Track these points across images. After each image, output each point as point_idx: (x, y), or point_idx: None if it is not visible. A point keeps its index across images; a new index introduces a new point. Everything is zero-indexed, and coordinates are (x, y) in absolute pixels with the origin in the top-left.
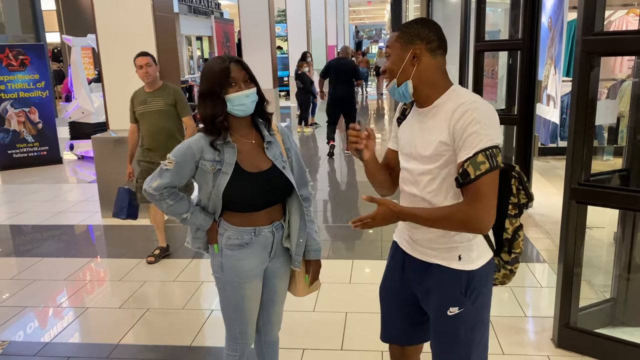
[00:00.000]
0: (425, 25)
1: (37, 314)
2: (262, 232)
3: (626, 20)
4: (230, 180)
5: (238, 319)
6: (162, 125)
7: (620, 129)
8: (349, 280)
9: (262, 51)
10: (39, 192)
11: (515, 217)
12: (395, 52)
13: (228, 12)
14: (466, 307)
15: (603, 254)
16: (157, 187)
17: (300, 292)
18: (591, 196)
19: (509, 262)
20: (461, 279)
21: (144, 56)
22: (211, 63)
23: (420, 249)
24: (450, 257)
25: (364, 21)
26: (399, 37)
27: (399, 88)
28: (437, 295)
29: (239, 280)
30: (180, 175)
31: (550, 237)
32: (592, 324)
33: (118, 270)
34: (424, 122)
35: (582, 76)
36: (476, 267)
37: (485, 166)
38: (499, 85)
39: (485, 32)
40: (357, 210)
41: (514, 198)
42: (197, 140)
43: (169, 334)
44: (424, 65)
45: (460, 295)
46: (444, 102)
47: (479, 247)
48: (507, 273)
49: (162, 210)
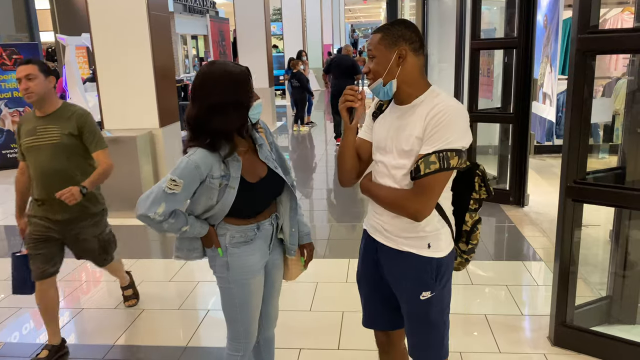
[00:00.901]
0: (407, 27)
1: (33, 315)
2: (263, 226)
3: (621, 18)
4: (237, 193)
5: (243, 317)
6: (55, 167)
7: (615, 127)
8: (346, 279)
9: (257, 50)
10: None
11: (475, 211)
12: (381, 53)
13: (223, 10)
14: (437, 291)
15: (599, 252)
16: (163, 214)
17: (293, 276)
18: (587, 194)
19: (465, 251)
20: (431, 265)
21: (25, 65)
22: (227, 69)
23: (392, 237)
24: (420, 245)
25: (360, 20)
26: (383, 38)
27: (384, 87)
28: (410, 281)
29: (246, 276)
30: (186, 196)
31: (546, 235)
32: (588, 321)
33: None
34: (404, 119)
35: (577, 74)
36: (444, 255)
37: (435, 166)
38: (495, 84)
39: (481, 30)
40: (354, 209)
41: (476, 194)
42: (203, 157)
43: (165, 335)
44: (408, 65)
45: (431, 281)
46: (422, 100)
47: (446, 237)
48: (462, 261)
49: (158, 231)
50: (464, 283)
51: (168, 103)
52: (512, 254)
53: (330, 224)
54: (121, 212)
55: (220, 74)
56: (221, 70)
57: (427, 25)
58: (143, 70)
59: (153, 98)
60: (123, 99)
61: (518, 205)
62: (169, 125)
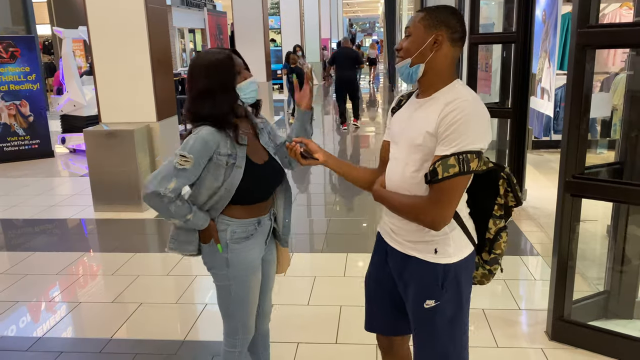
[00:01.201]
0: (453, 14)
1: (29, 308)
2: (264, 221)
3: (619, 13)
4: (244, 173)
5: (241, 313)
6: None
7: (613, 122)
8: (344, 274)
9: (255, 44)
10: (30, 186)
11: (501, 218)
12: (418, 32)
13: (221, 4)
14: (443, 300)
15: (596, 246)
16: (174, 189)
17: (283, 269)
18: (585, 189)
19: (487, 261)
20: (437, 272)
21: None
22: (209, 56)
23: (399, 239)
24: (426, 249)
25: (358, 14)
26: (424, 18)
27: (411, 68)
28: (414, 288)
29: (246, 272)
30: (195, 173)
31: (544, 230)
32: (586, 316)
33: (111, 264)
34: (419, 112)
35: (577, 69)
36: (453, 261)
37: (454, 170)
38: (493, 78)
39: (479, 25)
40: (352, 203)
41: (501, 199)
42: (212, 134)
43: (163, 329)
44: (442, 52)
45: (437, 288)
46: (442, 94)
47: (456, 241)
48: (485, 273)
49: (164, 215)
50: None
51: (165, 96)
52: (509, 249)
53: (328, 218)
54: (118, 206)
55: (203, 61)
56: (204, 57)
57: None
58: (140, 64)
59: (150, 91)
60: (120, 92)
61: None
62: (166, 118)
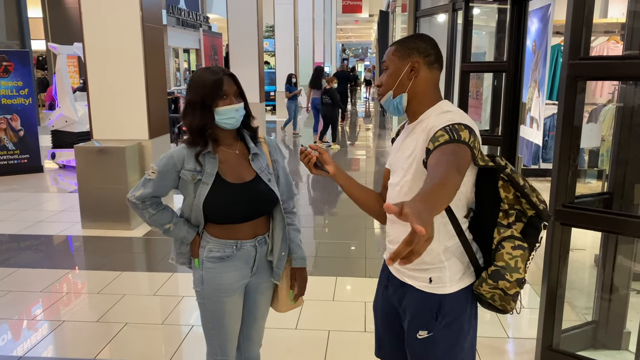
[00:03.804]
0: (422, 39)
1: (11, 326)
2: (244, 246)
3: (607, 47)
4: (210, 190)
5: (218, 334)
6: None
7: (601, 152)
8: (332, 298)
9: (249, 65)
10: (18, 201)
11: (508, 227)
12: (394, 64)
13: (216, 25)
14: (436, 332)
15: (585, 276)
16: (139, 197)
17: (282, 308)
18: (575, 218)
19: (490, 275)
20: (432, 302)
21: None
22: (203, 74)
23: (397, 266)
24: (421, 278)
25: (351, 40)
26: (397, 50)
27: (394, 100)
28: (410, 316)
29: (219, 294)
30: (163, 185)
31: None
32: (575, 346)
33: (96, 282)
34: (410, 137)
35: (568, 99)
36: (450, 292)
37: (444, 138)
38: (484, 106)
39: (472, 53)
40: (342, 226)
41: (504, 204)
42: (179, 150)
43: (148, 350)
44: (421, 78)
45: (431, 320)
46: (428, 115)
47: (452, 270)
48: (499, 294)
49: (144, 221)
50: None
51: (158, 114)
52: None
53: (317, 240)
54: (107, 223)
55: (195, 76)
56: (198, 74)
57: None
58: (135, 81)
59: (144, 109)
60: (113, 110)
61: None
62: (158, 137)
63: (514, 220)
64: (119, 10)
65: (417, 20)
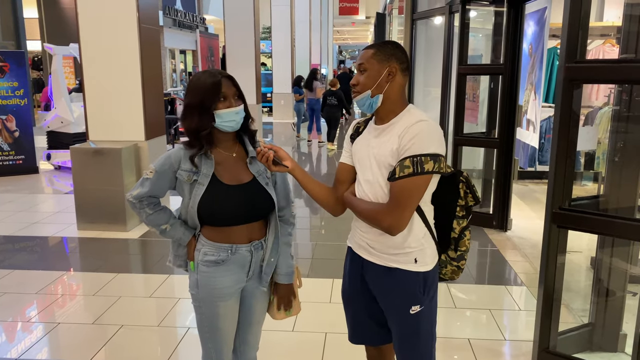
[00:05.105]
0: (399, 48)
1: (5, 328)
2: (239, 250)
3: (603, 50)
4: (205, 191)
5: (213, 338)
6: None
7: (597, 155)
8: (329, 300)
9: (246, 67)
10: (13, 202)
11: (463, 218)
12: (373, 67)
13: (213, 27)
14: (425, 305)
15: (581, 278)
16: (137, 196)
17: (275, 316)
18: (572, 221)
19: (455, 258)
20: (419, 279)
21: None
22: (202, 76)
23: (379, 254)
24: (407, 260)
25: (347, 42)
26: (376, 54)
27: (371, 99)
28: (399, 297)
29: (213, 298)
30: (160, 185)
31: (528, 260)
32: (571, 348)
33: (92, 284)
34: (382, 136)
35: (564, 102)
36: (430, 268)
37: (408, 170)
38: (480, 109)
39: (468, 56)
40: (338, 228)
41: (462, 200)
42: (177, 151)
43: (144, 352)
44: (396, 82)
45: (420, 294)
46: (399, 119)
47: (432, 251)
48: (454, 269)
49: (142, 220)
50: (447, 306)
51: (155, 116)
52: (494, 278)
53: (313, 242)
54: (103, 225)
55: (194, 79)
56: (197, 76)
57: (414, 49)
58: (131, 82)
59: (140, 110)
60: (109, 110)
61: (501, 229)
62: (154, 138)
63: (465, 213)
64: (115, 11)
65: (414, 22)
